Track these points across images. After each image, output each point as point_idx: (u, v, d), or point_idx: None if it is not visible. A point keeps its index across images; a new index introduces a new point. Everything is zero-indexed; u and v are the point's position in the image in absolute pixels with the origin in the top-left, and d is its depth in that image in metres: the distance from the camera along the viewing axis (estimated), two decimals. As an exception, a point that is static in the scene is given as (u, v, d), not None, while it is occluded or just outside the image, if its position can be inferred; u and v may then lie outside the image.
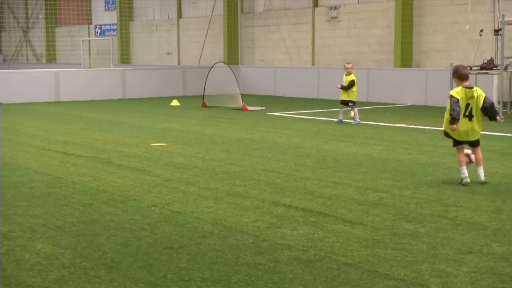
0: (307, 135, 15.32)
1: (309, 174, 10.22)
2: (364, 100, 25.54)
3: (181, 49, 37.70)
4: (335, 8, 28.86)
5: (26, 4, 51.45)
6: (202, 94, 24.45)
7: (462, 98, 9.50)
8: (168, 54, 38.50)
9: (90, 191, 9.03)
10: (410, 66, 26.03)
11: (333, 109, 21.44)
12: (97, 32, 44.33)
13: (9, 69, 39.50)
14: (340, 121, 17.95)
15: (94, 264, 5.85)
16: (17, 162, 11.57)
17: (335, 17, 28.94)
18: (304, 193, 8.82)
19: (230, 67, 24.86)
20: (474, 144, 9.63)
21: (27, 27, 51.53)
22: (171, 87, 30.03)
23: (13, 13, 52.32)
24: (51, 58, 48.08)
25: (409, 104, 24.23)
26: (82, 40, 42.87)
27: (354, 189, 9.06)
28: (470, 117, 9.51)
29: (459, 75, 9.63)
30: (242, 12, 33.52)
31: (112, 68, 34.41)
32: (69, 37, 46.69)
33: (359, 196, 8.61)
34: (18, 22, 51.96)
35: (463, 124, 9.51)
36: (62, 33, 48.03)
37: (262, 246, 6.39)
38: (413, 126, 17.03)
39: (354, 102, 17.96)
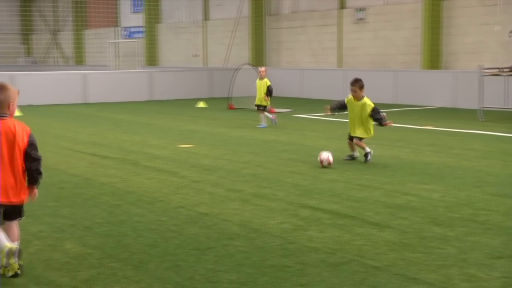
0: (333, 137, 15.26)
1: (336, 177, 10.19)
2: (391, 102, 25.38)
3: (207, 51, 37.82)
4: (362, 9, 28.74)
5: (56, 7, 51.98)
6: (228, 96, 24.51)
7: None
8: (195, 56, 38.64)
9: (118, 192, 9.10)
10: (439, 67, 25.82)
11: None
12: (124, 35, 44.64)
13: (39, 71, 39.93)
14: (275, 122, 17.52)
15: (122, 265, 5.89)
16: (46, 163, 11.58)
17: (362, 19, 28.81)
18: (331, 196, 8.79)
19: (256, 69, 24.88)
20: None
21: (56, 30, 52.08)
22: (197, 89, 30.14)
23: (42, 16, 52.91)
24: (79, 60, 48.54)
25: (437, 106, 24.03)
26: (110, 42, 43.21)
27: (381, 192, 9.00)
28: None
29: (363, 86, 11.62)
30: (268, 14, 33.53)
31: (139, 70, 34.64)
32: (97, 39, 47.08)
33: (386, 199, 8.56)
34: (47, 25, 52.54)
35: None
36: (90, 36, 48.47)
37: (289, 248, 6.38)
38: (441, 129, 16.88)
39: (265, 107, 17.56)
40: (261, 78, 17.55)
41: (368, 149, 11.59)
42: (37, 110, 23.05)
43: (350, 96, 11.81)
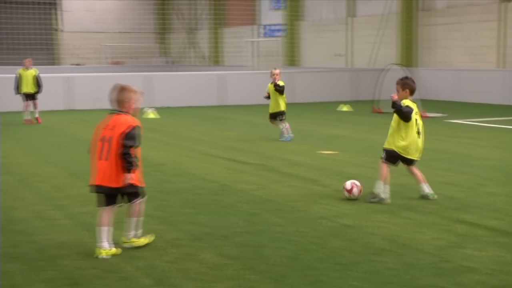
0: (493, 145, 14.74)
1: (496, 190, 9.83)
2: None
3: (351, 50, 37.68)
4: (529, 2, 27.54)
5: (193, 4, 53.68)
6: (374, 98, 24.28)
7: (416, 113, 9.26)
8: (338, 55, 38.59)
9: (256, 200, 9.27)
10: None
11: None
12: (263, 33, 45.35)
13: (174, 71, 41.47)
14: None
15: (261, 277, 5.99)
16: (182, 167, 12.12)
17: (529, 13, 27.61)
18: (491, 211, 8.49)
19: (405, 69, 24.50)
20: (412, 163, 9.33)
21: (193, 29, 53.82)
22: (340, 91, 30.11)
23: (179, 14, 54.86)
24: (216, 60, 49.90)
25: None
26: (248, 41, 44.06)
27: (550, 208, 8.59)
28: (419, 133, 9.26)
29: (413, 89, 9.40)
30: (420, 9, 32.91)
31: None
32: (235, 38, 48.16)
33: (556, 216, 8.16)
34: (184, 24, 54.41)
35: (415, 141, 9.21)
36: (228, 34, 49.68)
37: (443, 267, 6.24)
38: None
39: (284, 113, 15.82)
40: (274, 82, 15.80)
41: (426, 189, 9.21)
42: (173, 112, 23.94)
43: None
